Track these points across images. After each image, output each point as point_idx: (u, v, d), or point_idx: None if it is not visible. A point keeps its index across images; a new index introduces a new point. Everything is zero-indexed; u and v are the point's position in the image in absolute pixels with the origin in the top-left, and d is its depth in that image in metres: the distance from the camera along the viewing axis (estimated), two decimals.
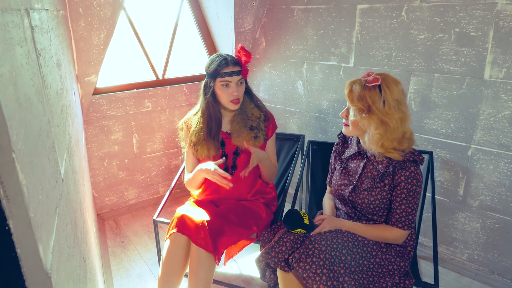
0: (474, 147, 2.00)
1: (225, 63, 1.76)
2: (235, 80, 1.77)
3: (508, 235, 1.99)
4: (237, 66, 1.78)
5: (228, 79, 1.76)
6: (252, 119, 1.86)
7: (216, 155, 1.85)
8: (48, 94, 0.77)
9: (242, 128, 1.84)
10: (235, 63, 1.77)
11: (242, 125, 1.85)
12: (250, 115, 1.87)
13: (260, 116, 1.88)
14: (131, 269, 2.27)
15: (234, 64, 1.77)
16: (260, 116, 1.88)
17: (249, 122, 1.85)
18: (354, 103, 1.52)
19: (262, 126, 1.87)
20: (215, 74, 1.77)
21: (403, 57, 2.15)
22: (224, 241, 1.71)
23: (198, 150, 1.86)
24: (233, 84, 1.77)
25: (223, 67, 1.76)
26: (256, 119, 1.87)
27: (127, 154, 2.82)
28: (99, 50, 2.25)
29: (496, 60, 1.83)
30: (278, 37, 2.80)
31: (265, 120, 1.90)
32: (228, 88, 1.78)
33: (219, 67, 1.76)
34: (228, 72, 1.76)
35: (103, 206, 2.82)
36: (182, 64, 3.44)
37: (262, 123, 1.88)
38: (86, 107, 2.52)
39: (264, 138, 1.88)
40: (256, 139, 1.84)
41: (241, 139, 1.83)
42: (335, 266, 1.42)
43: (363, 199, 1.61)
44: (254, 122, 1.86)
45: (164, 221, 2.05)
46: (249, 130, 1.84)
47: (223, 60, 1.77)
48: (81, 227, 1.03)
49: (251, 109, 1.88)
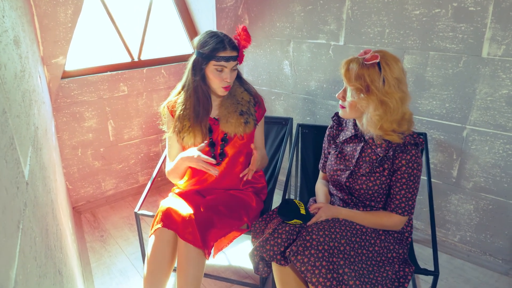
0: (469, 128, 1.94)
1: (223, 47, 1.60)
2: (231, 65, 1.63)
3: (501, 216, 1.96)
4: (235, 51, 1.63)
5: (224, 64, 1.61)
6: (242, 103, 1.73)
7: (203, 142, 1.72)
8: (2, 77, 0.61)
9: (232, 113, 1.71)
10: (233, 47, 1.62)
11: (231, 110, 1.71)
12: (240, 99, 1.74)
13: (250, 100, 1.75)
14: (113, 265, 2.12)
15: (232, 48, 1.62)
16: (250, 100, 1.76)
17: (239, 106, 1.72)
18: (351, 82, 1.41)
19: (252, 111, 1.75)
20: (209, 56, 1.61)
21: (396, 34, 2.04)
22: (214, 234, 1.59)
23: (184, 138, 1.71)
24: (228, 70, 1.63)
25: (220, 50, 1.60)
26: (246, 103, 1.74)
27: (103, 142, 2.63)
28: (66, 29, 2.03)
29: (495, 36, 1.75)
30: (262, 13, 2.63)
31: (255, 104, 1.78)
32: (221, 73, 1.63)
33: (215, 49, 1.60)
34: (225, 56, 1.60)
35: (79, 199, 2.63)
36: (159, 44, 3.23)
37: (252, 108, 1.76)
38: (54, 92, 2.31)
39: (254, 124, 1.76)
40: (247, 124, 1.72)
41: (230, 125, 1.71)
42: (334, 257, 1.34)
43: (361, 184, 1.52)
44: (244, 106, 1.73)
45: (147, 214, 1.91)
46: (239, 115, 1.71)
47: (220, 42, 1.60)
48: (54, 233, 0.88)
49: (240, 93, 1.75)
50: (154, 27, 2.81)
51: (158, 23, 2.96)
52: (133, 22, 2.87)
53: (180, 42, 3.02)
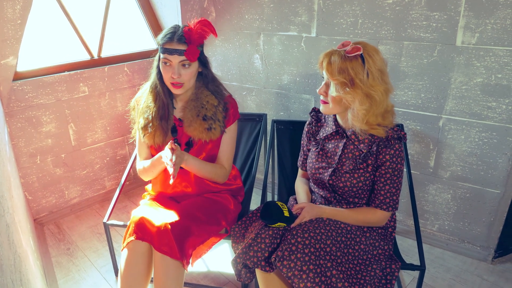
0: (445, 117, 1.93)
1: (169, 38, 1.48)
2: (176, 60, 1.48)
3: (478, 204, 1.98)
4: (182, 45, 1.47)
5: (167, 57, 1.48)
6: (207, 107, 1.59)
7: (164, 143, 1.60)
8: None
9: (195, 117, 1.58)
10: (179, 40, 1.47)
11: (194, 114, 1.58)
12: (205, 102, 1.59)
13: (217, 105, 1.60)
14: (82, 280, 1.97)
15: (178, 40, 1.47)
16: (218, 105, 1.61)
17: (203, 111, 1.58)
18: (334, 77, 1.34)
19: (219, 116, 1.60)
20: (160, 49, 1.51)
21: (370, 24, 2.00)
22: (192, 242, 1.49)
23: (146, 135, 1.59)
24: (174, 65, 1.49)
25: (166, 41, 1.48)
26: (212, 107, 1.59)
27: (64, 147, 2.44)
28: (15, 26, 1.84)
29: (468, 24, 1.73)
30: (229, 5, 2.52)
31: (224, 109, 1.63)
32: (169, 68, 1.50)
33: (162, 40, 1.49)
34: (168, 49, 1.47)
35: (40, 210, 2.44)
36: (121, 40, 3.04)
37: (220, 113, 1.61)
38: (6, 96, 2.10)
39: (221, 131, 1.62)
40: (210, 130, 1.58)
41: (193, 129, 1.58)
42: (321, 259, 1.28)
43: (344, 182, 1.47)
44: (209, 111, 1.59)
45: (117, 224, 1.78)
46: (202, 120, 1.58)
47: (170, 34, 1.49)
48: (11, 265, 0.75)
49: (205, 96, 1.60)
50: (114, 21, 2.63)
51: (118, 17, 2.77)
52: (90, 17, 2.67)
53: (143, 38, 2.85)
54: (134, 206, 2.59)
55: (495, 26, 1.68)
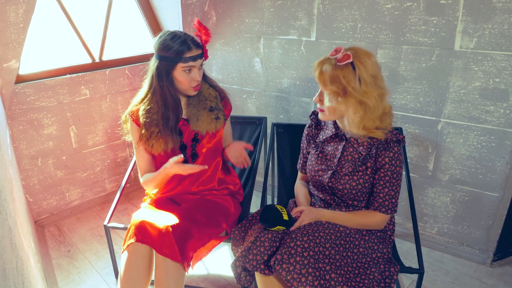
0: (444, 121, 1.94)
1: (188, 47, 1.51)
2: (199, 64, 1.56)
3: (477, 207, 1.99)
4: (199, 49, 1.55)
5: (192, 64, 1.53)
6: (210, 99, 1.67)
7: (175, 147, 1.62)
8: None
9: (201, 110, 1.64)
10: (197, 45, 1.54)
11: (200, 108, 1.65)
12: (207, 95, 1.68)
13: (216, 96, 1.71)
14: (83, 283, 1.98)
15: (196, 46, 1.54)
16: (217, 96, 1.71)
17: (208, 103, 1.66)
18: (327, 86, 1.36)
19: (220, 106, 1.70)
20: (176, 59, 1.51)
21: (369, 29, 2.01)
22: (192, 245, 1.50)
23: (153, 145, 1.60)
24: (196, 69, 1.56)
25: (186, 52, 1.51)
26: (214, 99, 1.69)
27: (65, 150, 2.46)
28: (18, 29, 1.86)
29: (466, 29, 1.75)
30: (230, 9, 2.53)
31: (221, 99, 1.73)
32: (190, 73, 1.55)
33: (181, 51, 1.50)
34: (192, 56, 1.52)
35: (41, 212, 2.45)
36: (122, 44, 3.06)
37: (220, 103, 1.71)
38: (8, 99, 2.11)
39: (224, 119, 1.71)
40: (218, 120, 1.67)
41: (201, 123, 1.64)
42: (320, 263, 1.29)
43: (344, 184, 1.48)
44: (213, 102, 1.68)
45: (117, 226, 1.79)
46: (209, 111, 1.65)
47: (184, 43, 1.50)
48: (13, 269, 0.77)
49: (207, 89, 1.70)
50: (116, 25, 2.65)
51: (119, 21, 2.79)
52: (92, 21, 2.69)
53: (144, 41, 2.87)
54: (134, 209, 2.61)
55: (493, 31, 1.69)
